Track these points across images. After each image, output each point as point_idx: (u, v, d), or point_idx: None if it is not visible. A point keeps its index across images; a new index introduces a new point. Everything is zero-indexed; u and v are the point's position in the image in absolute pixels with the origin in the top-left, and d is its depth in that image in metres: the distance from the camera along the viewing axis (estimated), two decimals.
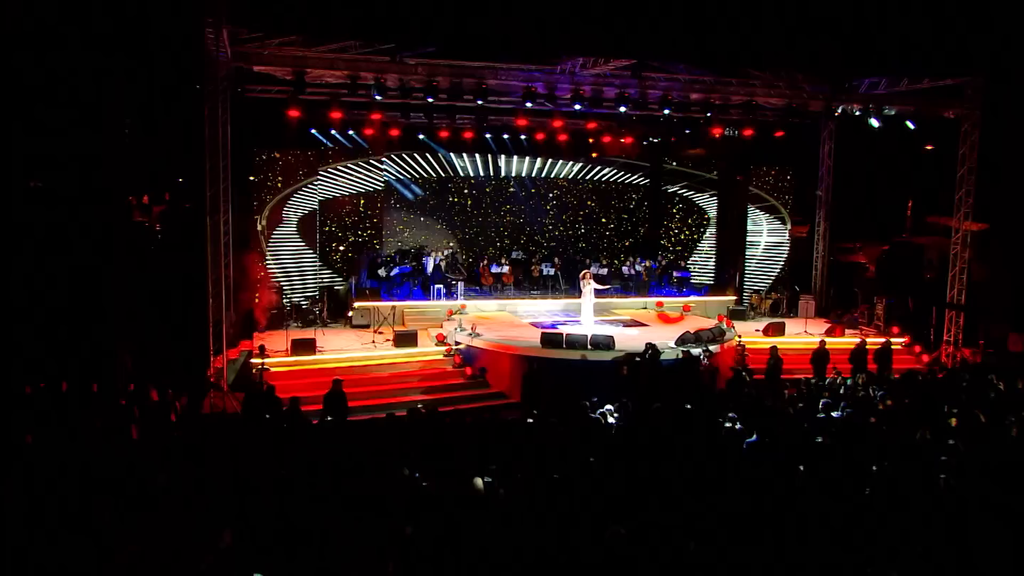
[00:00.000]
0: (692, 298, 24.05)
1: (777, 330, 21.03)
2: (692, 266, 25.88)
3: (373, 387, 17.06)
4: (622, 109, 18.00)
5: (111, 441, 11.41)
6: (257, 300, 20.82)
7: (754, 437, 11.61)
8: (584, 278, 20.11)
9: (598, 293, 20.37)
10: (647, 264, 24.49)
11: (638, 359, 16.91)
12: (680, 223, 27.12)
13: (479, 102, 17.68)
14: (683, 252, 26.79)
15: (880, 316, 21.55)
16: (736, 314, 22.75)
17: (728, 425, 12.07)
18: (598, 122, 22.86)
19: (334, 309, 21.82)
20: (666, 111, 18.35)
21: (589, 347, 17.43)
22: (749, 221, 25.88)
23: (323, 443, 11.14)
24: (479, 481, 9.30)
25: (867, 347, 18.05)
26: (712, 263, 26.54)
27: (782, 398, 13.89)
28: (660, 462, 10.14)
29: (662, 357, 16.95)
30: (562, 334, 17.68)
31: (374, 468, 9.87)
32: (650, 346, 16.98)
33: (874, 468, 9.42)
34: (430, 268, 23.02)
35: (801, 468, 9.71)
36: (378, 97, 17.59)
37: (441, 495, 8.61)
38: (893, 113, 18.89)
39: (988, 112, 18.51)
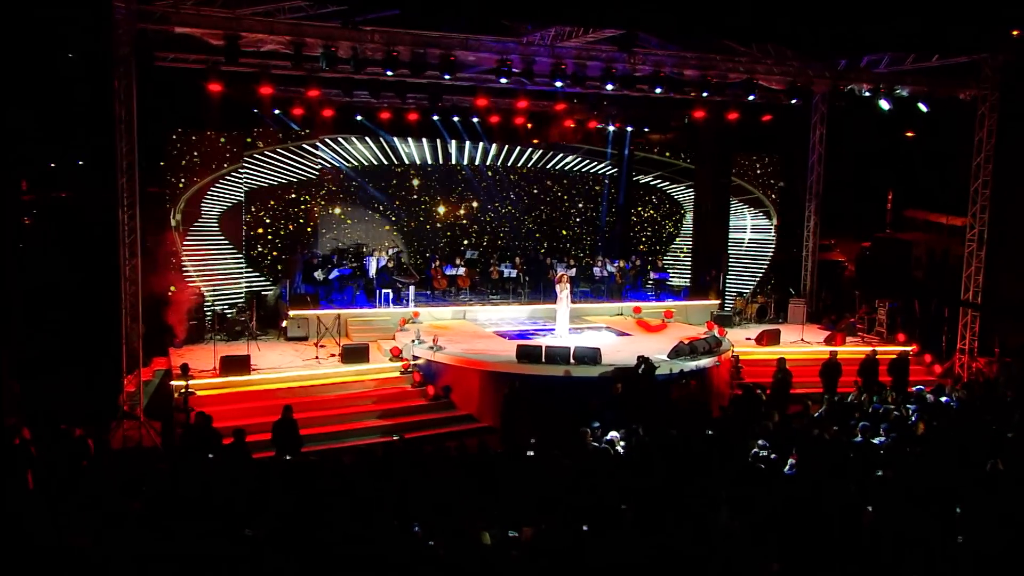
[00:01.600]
0: (671, 302, 23.58)
1: (772, 338, 20.70)
2: (668, 267, 25.41)
3: (321, 412, 16.03)
4: (609, 87, 17.30)
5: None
6: (171, 309, 19.29)
7: (789, 468, 11.10)
8: (560, 281, 19.44)
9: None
10: (620, 264, 23.91)
11: (629, 375, 16.26)
12: (653, 217, 26.66)
13: (446, 77, 16.68)
14: (657, 250, 26.33)
15: (882, 322, 21.42)
16: (721, 320, 22.35)
17: (761, 454, 11.43)
18: (568, 103, 22.12)
19: (265, 318, 20.54)
20: (657, 90, 17.70)
21: (572, 361, 16.71)
22: (731, 215, 25.58)
23: (287, 487, 10.00)
24: (486, 536, 8.45)
25: (878, 358, 17.76)
26: (689, 263, 26.17)
27: (810, 419, 13.35)
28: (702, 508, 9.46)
29: (656, 372, 16.36)
30: (540, 347, 16.91)
31: (361, 520, 8.85)
32: (643, 360, 16.37)
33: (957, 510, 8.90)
34: (373, 270, 21.97)
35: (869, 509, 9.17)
36: (326, 69, 16.41)
37: (456, 562, 7.67)
38: (906, 94, 18.69)
39: (1008, 93, 18.49)
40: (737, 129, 23.51)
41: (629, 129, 25.58)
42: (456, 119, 23.40)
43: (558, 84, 17.24)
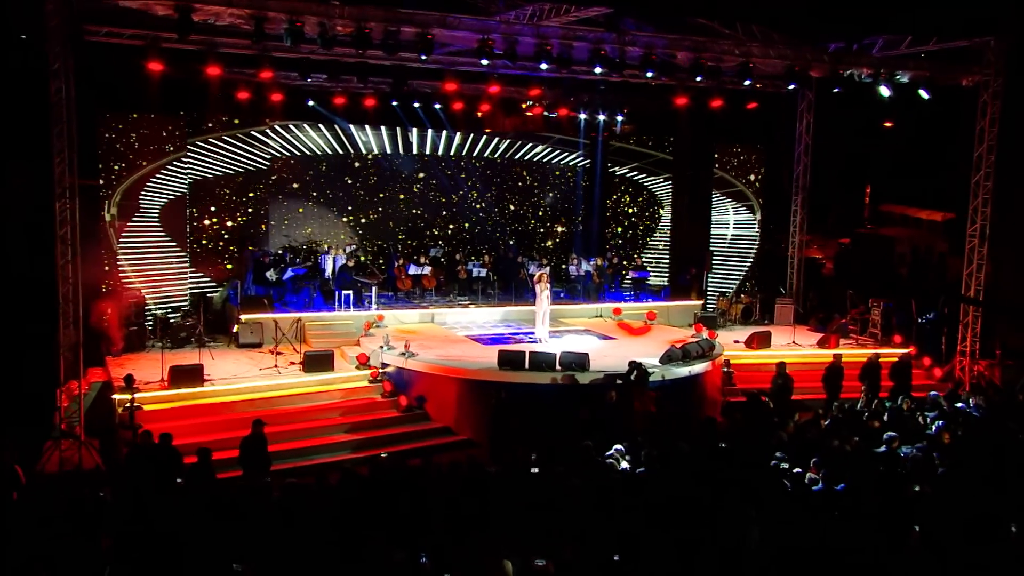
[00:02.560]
0: (652, 303, 23.38)
1: (763, 341, 20.57)
2: (647, 264, 25.24)
3: (284, 426, 15.38)
4: (597, 70, 16.97)
5: None
6: (107, 314, 18.37)
7: (813, 482, 10.86)
8: (540, 281, 19.09)
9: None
10: (597, 263, 23.61)
11: (620, 381, 15.93)
12: (629, 212, 26.47)
13: (422, 57, 16.15)
14: (633, 247, 26.16)
15: (876, 323, 21.46)
16: (706, 322, 22.17)
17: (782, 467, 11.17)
18: (543, 88, 21.75)
19: (213, 323, 19.75)
20: (648, 74, 17.41)
21: (559, 368, 16.33)
22: (713, 209, 25.51)
23: (268, 516, 9.39)
24: (508, 566, 7.99)
25: (880, 361, 17.73)
26: (667, 260, 26.03)
27: (828, 428, 13.15)
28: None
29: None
30: (524, 352, 16.50)
31: (359, 551, 8.30)
32: (635, 365, 16.03)
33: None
34: (329, 269, 21.41)
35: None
36: (290, 47, 15.76)
37: None
38: (906, 80, 18.70)
39: (1013, 79, 18.58)
40: (721, 118, 23.44)
41: (601, 118, 25.28)
42: (417, 105, 22.80)
43: (543, 66, 16.80)
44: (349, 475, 10.71)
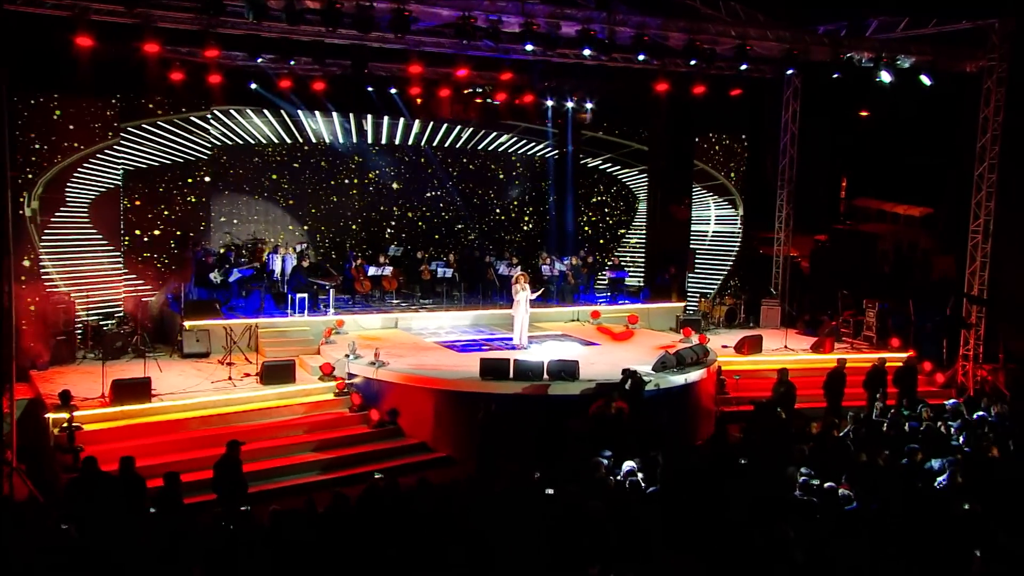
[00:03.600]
0: (630, 305, 23.21)
1: (754, 346, 20.50)
2: (624, 264, 25.11)
3: (244, 446, 14.55)
4: (587, 52, 16.71)
5: None
6: (26, 323, 17.44)
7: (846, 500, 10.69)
8: (518, 282, 18.78)
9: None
10: (572, 262, 23.35)
11: (615, 391, 15.68)
12: (602, 206, 26.31)
13: (396, 36, 15.68)
14: (606, 245, 26.02)
15: (871, 325, 21.57)
16: (692, 325, 22.06)
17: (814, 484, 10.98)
18: (515, 72, 21.46)
19: (153, 331, 18.97)
20: (640, 57, 17.21)
21: (546, 377, 16.03)
22: (693, 204, 25.46)
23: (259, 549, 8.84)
24: None
25: (886, 367, 17.75)
26: (643, 259, 25.92)
27: (857, 440, 13.03)
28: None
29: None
30: (508, 360, 16.14)
31: None
32: (629, 373, 15.80)
33: None
34: (278, 270, 20.88)
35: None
36: (252, 21, 15.18)
37: None
38: (907, 65, 18.75)
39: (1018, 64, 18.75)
40: (701, 105, 23.35)
41: (569, 104, 25.07)
42: (371, 89, 22.35)
43: (528, 48, 16.50)
44: (339, 500, 10.20)
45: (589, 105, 25.14)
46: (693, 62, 17.79)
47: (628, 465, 11.66)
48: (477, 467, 14.11)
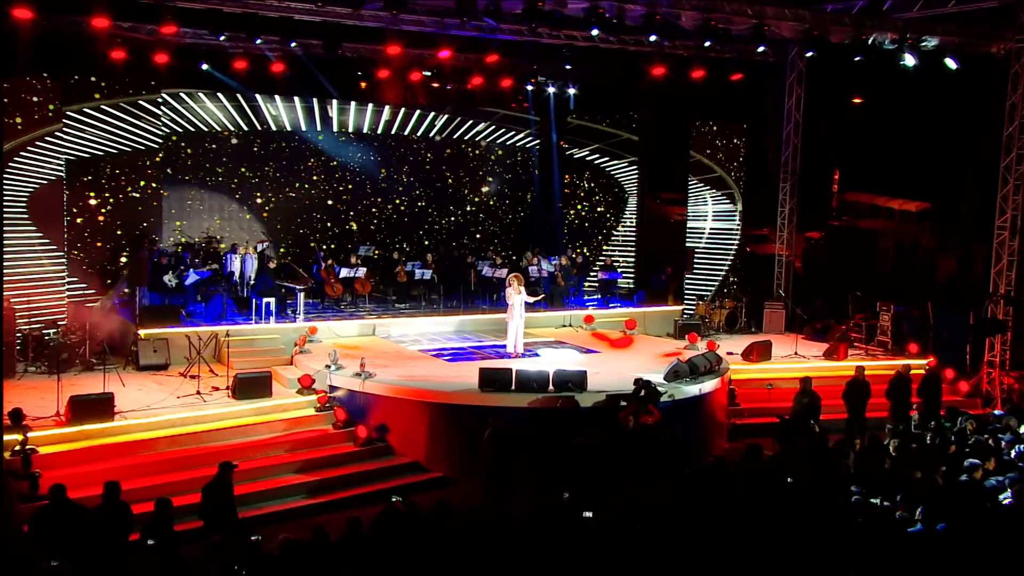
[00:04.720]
0: (624, 309, 23.08)
1: (763, 353, 20.38)
2: (616, 264, 24.96)
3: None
4: (594, 32, 16.50)
5: None
6: None
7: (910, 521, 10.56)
8: (511, 285, 18.49)
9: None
10: (561, 262, 23.13)
11: (624, 403, 15.50)
12: (590, 201, 26.22)
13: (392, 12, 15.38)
14: (595, 243, 25.88)
15: (886, 330, 21.58)
16: (696, 331, 21.92)
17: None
18: (500, 55, 21.24)
19: (102, 340, 18.32)
20: (652, 38, 17.05)
21: (552, 388, 15.78)
22: (689, 199, 25.41)
23: None
24: None
25: (911, 376, 17.73)
26: (632, 258, 25.82)
27: (908, 457, 12.90)
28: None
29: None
30: (510, 370, 15.85)
31: None
32: (643, 384, 15.60)
33: None
34: (237, 271, 20.46)
35: None
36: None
37: None
38: (932, 47, 18.78)
39: None
40: (697, 91, 23.30)
41: (551, 90, 24.95)
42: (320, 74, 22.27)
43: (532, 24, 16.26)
44: (353, 526, 9.80)
45: (572, 91, 25.00)
46: (708, 43, 17.63)
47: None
48: (486, 490, 13.77)
